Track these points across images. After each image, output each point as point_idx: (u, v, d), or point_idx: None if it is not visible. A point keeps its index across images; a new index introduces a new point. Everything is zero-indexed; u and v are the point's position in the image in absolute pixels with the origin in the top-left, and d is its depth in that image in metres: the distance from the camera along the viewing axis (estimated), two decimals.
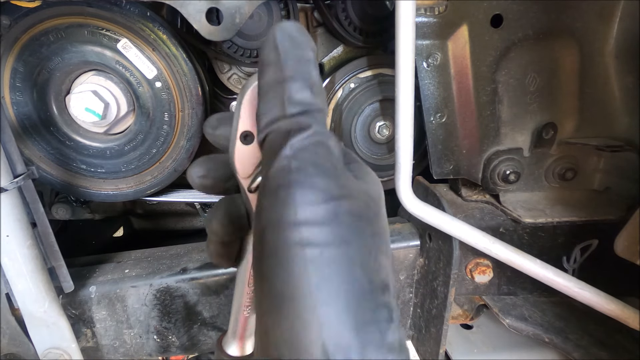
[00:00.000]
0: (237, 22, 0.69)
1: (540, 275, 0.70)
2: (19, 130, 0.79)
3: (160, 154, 0.83)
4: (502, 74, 0.77)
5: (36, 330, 0.71)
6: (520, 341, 1.02)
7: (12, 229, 0.63)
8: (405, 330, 0.89)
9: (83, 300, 0.79)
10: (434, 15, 0.72)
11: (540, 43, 0.75)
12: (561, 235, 0.80)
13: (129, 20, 0.72)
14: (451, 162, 0.82)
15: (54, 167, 0.83)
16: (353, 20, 0.86)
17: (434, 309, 0.78)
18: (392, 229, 0.84)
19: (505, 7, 0.72)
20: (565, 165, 0.82)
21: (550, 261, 0.71)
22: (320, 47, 0.95)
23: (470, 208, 0.85)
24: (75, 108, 0.74)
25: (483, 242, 0.70)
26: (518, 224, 0.80)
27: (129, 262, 0.85)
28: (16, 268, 0.66)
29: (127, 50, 0.75)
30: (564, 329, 0.78)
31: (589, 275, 0.73)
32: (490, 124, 0.79)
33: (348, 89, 0.90)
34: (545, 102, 0.78)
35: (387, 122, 0.90)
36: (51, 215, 0.99)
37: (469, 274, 0.81)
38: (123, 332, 0.82)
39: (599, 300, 0.67)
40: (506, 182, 0.81)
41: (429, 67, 0.76)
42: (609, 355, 0.74)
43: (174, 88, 0.78)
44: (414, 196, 0.72)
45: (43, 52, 0.73)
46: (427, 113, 0.78)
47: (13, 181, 0.62)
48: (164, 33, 0.75)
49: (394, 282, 0.45)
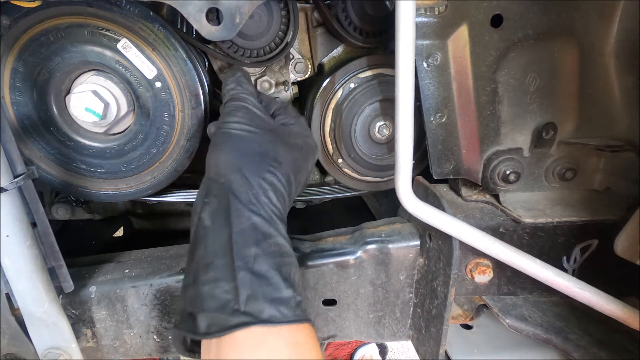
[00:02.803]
0: (237, 22, 0.69)
1: (540, 275, 0.70)
2: (19, 130, 0.78)
3: (160, 154, 0.83)
4: (502, 74, 0.77)
5: (36, 330, 0.71)
6: (520, 341, 1.02)
7: (12, 229, 0.63)
8: (405, 330, 0.89)
9: (83, 300, 0.79)
10: (434, 15, 0.72)
11: (540, 43, 0.75)
12: (561, 235, 0.80)
13: (129, 20, 0.72)
14: (451, 162, 0.82)
15: (54, 167, 0.83)
16: (353, 20, 0.86)
17: (434, 309, 0.78)
18: (392, 229, 0.84)
19: (505, 7, 0.72)
20: (565, 165, 0.82)
21: (550, 261, 0.71)
22: (320, 47, 0.95)
23: (470, 208, 0.85)
24: (75, 108, 0.74)
25: (483, 242, 0.71)
26: (518, 224, 0.80)
27: (129, 262, 0.85)
28: (16, 268, 0.66)
29: (127, 50, 0.75)
30: (564, 329, 0.78)
31: (589, 275, 0.73)
32: (490, 124, 0.79)
33: (348, 89, 0.90)
34: (545, 102, 0.79)
35: (387, 122, 0.90)
36: (51, 215, 0.99)
37: (469, 274, 0.81)
38: (123, 332, 0.82)
39: (599, 300, 0.67)
40: (506, 182, 0.81)
41: (429, 67, 0.76)
42: (609, 355, 0.74)
43: (174, 88, 0.78)
44: (414, 196, 0.72)
45: (43, 52, 0.73)
46: (427, 113, 0.78)
47: (13, 181, 0.62)
48: (164, 33, 0.75)
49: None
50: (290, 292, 0.54)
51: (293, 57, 0.93)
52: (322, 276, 0.82)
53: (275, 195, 0.60)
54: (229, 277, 0.52)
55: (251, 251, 0.54)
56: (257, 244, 0.55)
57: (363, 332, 0.89)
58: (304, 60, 0.93)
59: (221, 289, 0.52)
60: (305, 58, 0.94)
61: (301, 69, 0.94)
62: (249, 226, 0.56)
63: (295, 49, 0.93)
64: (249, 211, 0.57)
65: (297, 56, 0.93)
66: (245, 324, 0.50)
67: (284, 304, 0.53)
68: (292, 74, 0.94)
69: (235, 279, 0.52)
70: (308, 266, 0.80)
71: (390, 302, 0.85)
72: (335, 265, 0.81)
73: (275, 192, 0.60)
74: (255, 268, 0.53)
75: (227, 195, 0.57)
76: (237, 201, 0.57)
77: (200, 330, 0.51)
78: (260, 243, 0.55)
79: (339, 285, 0.83)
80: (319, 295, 0.84)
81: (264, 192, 0.59)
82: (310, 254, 0.81)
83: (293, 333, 0.52)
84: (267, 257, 0.55)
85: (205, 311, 0.52)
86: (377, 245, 0.80)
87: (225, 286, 0.52)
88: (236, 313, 0.51)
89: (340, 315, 0.87)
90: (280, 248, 0.57)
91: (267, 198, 0.59)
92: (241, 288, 0.52)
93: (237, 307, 0.51)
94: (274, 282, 0.54)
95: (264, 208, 0.58)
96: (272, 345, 0.50)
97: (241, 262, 0.53)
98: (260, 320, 0.50)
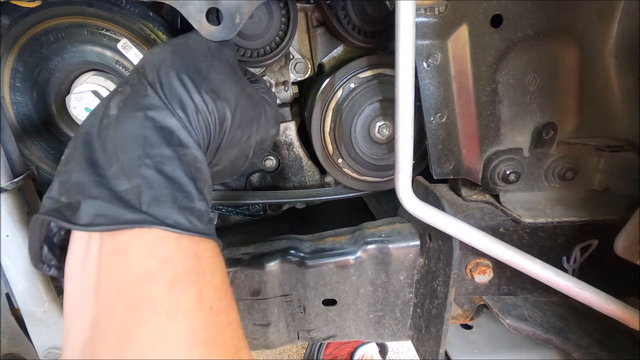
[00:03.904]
0: (237, 22, 0.68)
1: (540, 275, 0.70)
2: (19, 130, 0.79)
3: None
4: (502, 74, 0.77)
5: (36, 330, 0.71)
6: (520, 341, 1.02)
7: (12, 229, 0.63)
8: (405, 330, 0.89)
9: None
10: (434, 15, 0.72)
11: (540, 43, 0.75)
12: (561, 235, 0.80)
13: (129, 20, 0.72)
14: (451, 162, 0.82)
15: (54, 167, 0.83)
16: (353, 20, 0.86)
17: (434, 309, 0.78)
18: (392, 229, 0.84)
19: (505, 7, 0.72)
20: (565, 165, 0.82)
21: (550, 261, 0.71)
22: (320, 47, 0.95)
23: (470, 208, 0.85)
24: (75, 108, 0.74)
25: (483, 242, 0.70)
26: (518, 224, 0.80)
27: None
28: (16, 268, 0.66)
29: (127, 50, 0.75)
30: (564, 329, 0.78)
31: (589, 275, 0.73)
32: (490, 124, 0.79)
33: (348, 89, 0.90)
34: (545, 102, 0.79)
35: (387, 122, 0.90)
36: None
37: (469, 274, 0.81)
38: None
39: (599, 300, 0.67)
40: (506, 182, 0.81)
41: (429, 67, 0.76)
42: (609, 355, 0.74)
43: None
44: (414, 196, 0.72)
45: (43, 52, 0.73)
46: (427, 113, 0.78)
47: (13, 181, 0.62)
48: (164, 33, 0.75)
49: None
50: (204, 204, 0.46)
51: (293, 57, 0.93)
52: (322, 276, 0.82)
53: (197, 117, 0.49)
54: (130, 174, 0.42)
55: (164, 151, 0.44)
56: (172, 147, 0.45)
57: (363, 332, 0.89)
58: (304, 60, 0.93)
59: (119, 184, 0.42)
60: (305, 58, 0.94)
61: (301, 69, 0.94)
62: (165, 126, 0.46)
63: (295, 49, 0.93)
64: (168, 110, 0.47)
65: (297, 56, 0.93)
66: (145, 222, 0.40)
67: (195, 215, 0.44)
68: (292, 74, 0.94)
69: (140, 175, 0.42)
70: (308, 266, 0.80)
71: (390, 302, 0.85)
72: (335, 265, 0.81)
73: (197, 113, 0.49)
74: (166, 170, 0.44)
75: (146, 88, 0.48)
76: (157, 97, 0.47)
77: (81, 220, 0.40)
78: (176, 147, 0.46)
79: (339, 285, 0.83)
80: (319, 295, 0.84)
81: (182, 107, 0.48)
82: (310, 254, 0.81)
83: (195, 244, 0.43)
84: (182, 163, 0.45)
85: (93, 199, 0.41)
86: (377, 245, 0.80)
87: (125, 184, 0.42)
88: (135, 210, 0.41)
89: (340, 315, 0.87)
90: (196, 162, 0.47)
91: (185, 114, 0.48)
92: (145, 188, 0.42)
93: (136, 206, 0.41)
94: (186, 190, 0.44)
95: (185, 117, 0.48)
96: (165, 253, 0.41)
97: (149, 160, 0.43)
98: (165, 223, 0.41)
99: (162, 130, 0.46)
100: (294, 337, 0.89)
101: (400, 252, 0.81)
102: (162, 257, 0.40)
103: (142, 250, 0.40)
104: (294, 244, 0.83)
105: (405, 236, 0.82)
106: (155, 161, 0.43)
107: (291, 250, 0.81)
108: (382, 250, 0.80)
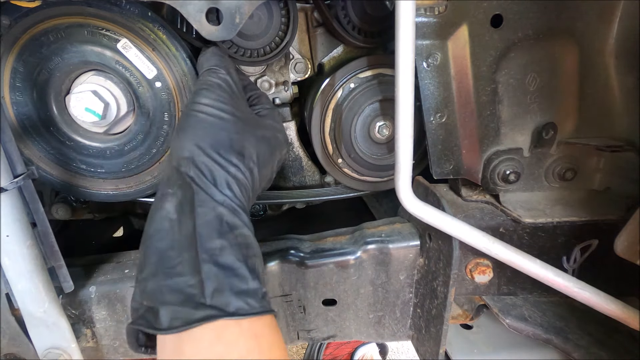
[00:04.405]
0: (237, 22, 0.68)
1: (540, 275, 0.70)
2: (19, 130, 0.78)
3: (160, 154, 0.83)
4: (502, 74, 0.77)
5: (36, 330, 0.71)
6: (520, 341, 1.02)
7: (12, 229, 0.63)
8: (405, 330, 0.89)
9: (83, 300, 0.79)
10: (434, 15, 0.72)
11: (540, 43, 0.75)
12: (561, 235, 0.80)
13: (129, 20, 0.72)
14: (451, 162, 0.82)
15: (54, 167, 0.83)
16: (353, 20, 0.86)
17: (434, 309, 0.78)
18: (392, 229, 0.84)
19: (505, 7, 0.72)
20: (565, 165, 0.82)
21: (550, 261, 0.71)
22: (320, 47, 0.95)
23: (470, 208, 0.85)
24: (75, 108, 0.74)
25: (483, 242, 0.70)
26: (518, 224, 0.80)
27: (128, 262, 0.85)
28: (16, 268, 0.66)
29: (127, 50, 0.75)
30: (564, 329, 0.78)
31: (589, 275, 0.73)
32: (490, 124, 0.79)
33: (348, 89, 0.90)
34: (545, 102, 0.79)
35: (387, 122, 0.90)
36: (51, 215, 0.99)
37: (469, 274, 0.81)
38: (123, 332, 0.82)
39: (599, 300, 0.67)
40: (506, 182, 0.81)
41: (429, 67, 0.76)
42: (609, 355, 0.74)
43: (174, 88, 0.78)
44: (414, 196, 0.72)
45: (43, 52, 0.73)
46: (427, 113, 0.78)
47: (13, 181, 0.62)
48: (164, 33, 0.75)
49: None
50: (256, 283, 0.53)
51: (293, 57, 0.93)
52: (322, 276, 0.82)
53: (239, 187, 0.59)
54: (193, 270, 0.51)
55: (216, 243, 0.53)
56: (223, 236, 0.54)
57: (363, 332, 0.89)
58: (304, 60, 0.93)
59: (186, 283, 0.50)
60: (305, 58, 0.94)
61: (301, 69, 0.94)
62: (213, 217, 0.55)
63: (295, 49, 0.93)
64: (214, 201, 0.56)
65: (297, 56, 0.93)
66: (211, 317, 0.48)
67: (251, 295, 0.52)
68: (292, 74, 0.94)
69: (200, 272, 0.51)
70: (308, 266, 0.80)
71: (390, 302, 0.85)
72: (335, 265, 0.81)
73: (238, 184, 0.59)
74: (220, 260, 0.52)
75: (192, 187, 0.56)
76: (202, 192, 0.56)
77: (162, 325, 0.49)
78: (226, 234, 0.54)
79: (339, 285, 0.83)
80: (319, 295, 0.84)
81: (228, 185, 0.58)
82: (310, 254, 0.81)
83: (253, 325, 0.51)
84: (233, 248, 0.54)
85: (168, 305, 0.50)
86: (377, 245, 0.80)
87: (190, 280, 0.50)
88: (201, 306, 0.49)
89: (340, 315, 0.87)
90: (246, 239, 0.56)
91: (230, 191, 0.58)
92: (207, 281, 0.50)
93: (202, 301, 0.49)
94: (240, 273, 0.52)
95: (228, 200, 0.57)
96: (229, 338, 0.49)
97: (206, 254, 0.52)
98: (227, 313, 0.49)
99: (213, 223, 0.54)
100: (294, 337, 0.89)
101: (400, 252, 0.81)
102: (227, 342, 0.49)
103: (209, 339, 0.48)
104: (294, 244, 0.83)
105: (405, 236, 0.82)
106: (210, 255, 0.52)
107: (291, 250, 0.81)
108: (382, 250, 0.80)
